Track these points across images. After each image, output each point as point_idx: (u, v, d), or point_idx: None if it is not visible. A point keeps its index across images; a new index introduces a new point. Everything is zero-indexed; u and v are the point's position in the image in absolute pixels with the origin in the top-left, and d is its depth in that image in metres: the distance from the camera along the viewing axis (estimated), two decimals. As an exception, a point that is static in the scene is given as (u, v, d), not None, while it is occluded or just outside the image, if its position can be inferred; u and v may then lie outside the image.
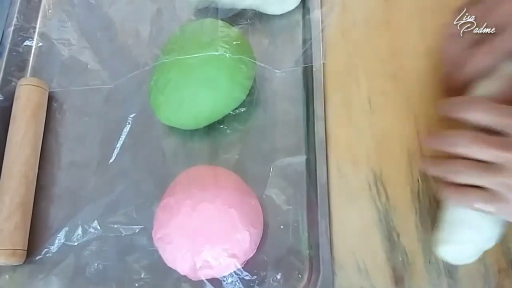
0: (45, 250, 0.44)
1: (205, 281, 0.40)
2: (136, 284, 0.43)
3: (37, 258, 0.44)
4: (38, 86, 0.49)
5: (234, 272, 0.41)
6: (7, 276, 0.44)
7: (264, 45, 0.51)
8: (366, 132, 0.46)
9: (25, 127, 0.46)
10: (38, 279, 0.44)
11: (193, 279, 0.41)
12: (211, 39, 0.44)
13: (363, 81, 0.48)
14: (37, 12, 0.55)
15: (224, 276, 0.41)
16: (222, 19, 0.48)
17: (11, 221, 0.43)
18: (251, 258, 0.42)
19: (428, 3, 0.50)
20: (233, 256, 0.40)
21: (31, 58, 0.53)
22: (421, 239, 0.42)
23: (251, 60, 0.46)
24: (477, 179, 0.35)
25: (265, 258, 0.43)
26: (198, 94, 0.44)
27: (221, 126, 0.48)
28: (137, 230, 0.44)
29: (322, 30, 0.49)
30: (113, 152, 0.47)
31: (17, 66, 0.52)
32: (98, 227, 0.44)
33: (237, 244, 0.40)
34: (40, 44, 0.54)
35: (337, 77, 0.48)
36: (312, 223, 0.43)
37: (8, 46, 0.51)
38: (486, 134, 0.35)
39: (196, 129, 0.47)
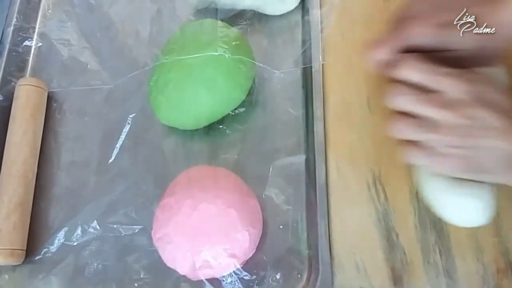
0: (45, 250, 0.44)
1: (205, 281, 0.41)
2: (136, 284, 0.43)
3: (36, 258, 0.44)
4: (37, 86, 0.49)
5: (234, 272, 0.41)
6: (6, 276, 0.44)
7: (264, 46, 0.51)
8: (365, 133, 0.46)
9: (24, 127, 0.46)
10: (37, 279, 0.44)
11: (192, 279, 0.41)
12: (210, 39, 0.45)
13: (362, 82, 0.48)
14: (37, 12, 0.55)
15: (224, 276, 0.41)
16: (222, 20, 0.48)
17: (10, 221, 0.43)
18: (250, 258, 0.42)
19: (427, 4, 0.50)
20: (233, 256, 0.40)
21: (30, 58, 0.53)
22: (420, 239, 0.42)
23: (250, 60, 0.46)
24: (413, 135, 0.37)
25: (265, 258, 0.43)
26: (198, 94, 0.44)
27: (221, 126, 0.48)
28: (136, 230, 0.44)
29: (322, 31, 0.49)
30: (113, 152, 0.47)
31: (17, 66, 0.52)
32: (98, 227, 0.44)
33: (237, 244, 0.40)
34: (40, 44, 0.54)
35: (336, 78, 0.48)
36: (312, 223, 0.43)
37: (7, 46, 0.51)
38: (424, 93, 0.36)
39: (196, 129, 0.47)
